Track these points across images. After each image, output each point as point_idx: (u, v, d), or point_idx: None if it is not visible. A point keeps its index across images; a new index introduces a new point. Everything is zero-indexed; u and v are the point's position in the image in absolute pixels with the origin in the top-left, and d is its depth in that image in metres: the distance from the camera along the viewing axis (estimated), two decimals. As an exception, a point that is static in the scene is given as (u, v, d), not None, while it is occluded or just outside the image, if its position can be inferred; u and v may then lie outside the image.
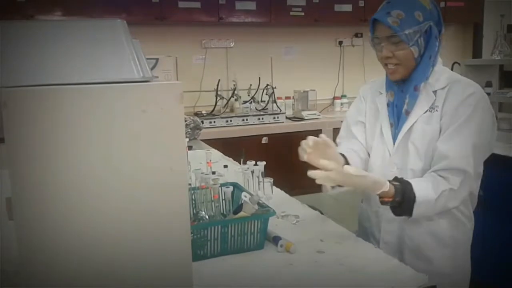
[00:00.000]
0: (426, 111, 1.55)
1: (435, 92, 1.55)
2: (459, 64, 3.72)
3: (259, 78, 4.55)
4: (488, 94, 3.39)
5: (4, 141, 0.86)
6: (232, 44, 4.71)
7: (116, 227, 0.95)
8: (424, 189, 1.45)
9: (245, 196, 1.41)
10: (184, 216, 1.05)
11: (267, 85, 4.56)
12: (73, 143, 0.90)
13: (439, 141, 1.50)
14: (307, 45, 4.97)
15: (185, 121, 3.03)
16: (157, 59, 4.17)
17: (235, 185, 1.66)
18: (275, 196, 1.90)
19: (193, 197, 1.58)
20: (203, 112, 4.40)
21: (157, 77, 1.37)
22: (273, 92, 4.53)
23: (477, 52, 5.42)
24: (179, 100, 1.01)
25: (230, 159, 2.64)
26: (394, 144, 1.62)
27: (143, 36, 4.34)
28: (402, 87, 1.59)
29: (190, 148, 2.82)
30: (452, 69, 4.36)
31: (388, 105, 1.65)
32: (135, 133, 0.96)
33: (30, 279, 0.90)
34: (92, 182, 0.92)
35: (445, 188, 1.45)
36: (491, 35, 4.88)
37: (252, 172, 1.78)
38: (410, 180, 1.47)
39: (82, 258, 0.93)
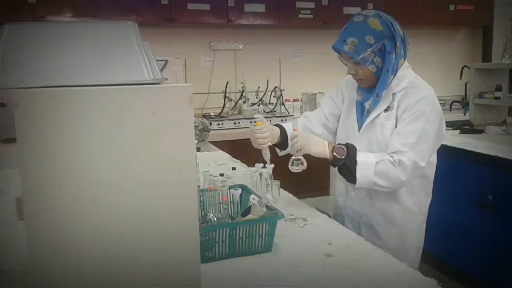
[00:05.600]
0: (386, 109, 1.82)
1: (394, 94, 1.82)
2: (468, 68, 3.71)
3: (267, 80, 4.56)
4: (498, 98, 3.37)
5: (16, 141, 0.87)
6: (240, 46, 4.72)
7: (125, 228, 0.95)
8: (366, 155, 1.75)
9: (254, 199, 1.41)
10: (193, 218, 1.05)
11: (275, 87, 4.57)
12: (83, 144, 0.91)
13: (393, 136, 1.78)
14: (316, 48, 4.96)
15: (194, 123, 3.03)
16: (166, 61, 4.17)
17: (243, 188, 1.66)
18: (282, 199, 1.90)
19: (202, 199, 1.58)
20: (211, 114, 4.42)
21: (166, 79, 1.37)
22: (281, 94, 4.54)
23: (487, 56, 5.39)
24: (188, 102, 1.01)
25: (238, 161, 2.64)
26: (358, 133, 1.90)
27: (152, 38, 4.36)
28: (370, 90, 1.86)
29: (198, 150, 2.83)
30: (461, 73, 4.36)
31: (356, 103, 1.94)
32: (145, 134, 0.96)
33: (39, 279, 0.91)
34: (101, 183, 0.93)
35: (385, 158, 1.72)
36: (501, 38, 4.87)
37: (261, 174, 1.77)
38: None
39: (91, 258, 0.94)
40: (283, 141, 1.96)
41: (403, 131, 1.74)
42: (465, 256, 3.05)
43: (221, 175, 2.11)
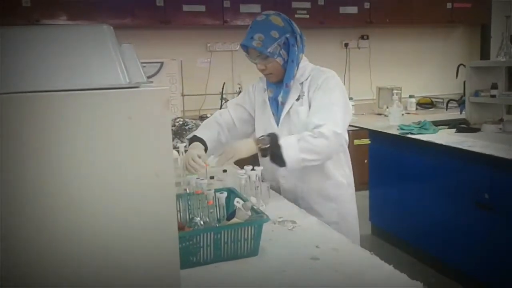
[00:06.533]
0: (297, 99, 1.99)
1: (301, 83, 2.00)
2: (464, 66, 3.68)
3: (264, 81, 4.54)
4: (494, 96, 3.35)
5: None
6: (237, 47, 4.70)
7: (100, 234, 0.94)
8: (287, 137, 1.88)
9: (238, 202, 1.40)
10: (172, 224, 1.03)
11: (272, 88, 4.55)
12: (57, 150, 0.89)
13: (308, 116, 1.94)
14: (313, 48, 4.86)
15: (188, 124, 3.03)
16: (162, 63, 4.17)
17: (231, 191, 1.64)
18: (273, 201, 1.88)
19: (189, 203, 1.57)
20: (208, 115, 4.38)
21: (151, 82, 1.35)
22: (278, 94, 4.52)
23: (485, 54, 5.36)
24: (165, 106, 1.00)
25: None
26: (278, 127, 2.04)
27: (148, 40, 4.38)
28: (278, 85, 2.02)
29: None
30: (457, 72, 4.33)
31: (269, 99, 2.08)
32: (120, 139, 0.95)
33: (11, 282, 0.89)
34: (76, 189, 0.91)
35: (305, 134, 1.85)
36: (499, 36, 4.84)
37: (249, 177, 1.76)
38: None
39: (64, 265, 0.92)
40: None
41: (316, 109, 1.92)
42: (462, 255, 3.03)
43: (212, 177, 2.11)
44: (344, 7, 4.69)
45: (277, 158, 1.83)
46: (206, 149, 2.04)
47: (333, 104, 1.90)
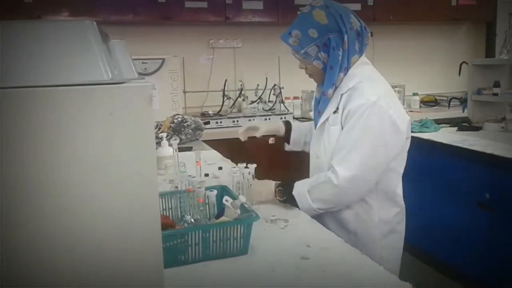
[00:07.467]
0: (335, 111, 1.71)
1: (342, 95, 1.69)
2: (466, 63, 3.64)
3: (266, 78, 4.52)
4: (496, 94, 3.31)
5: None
6: (239, 44, 4.68)
7: (79, 233, 0.93)
8: (301, 185, 1.71)
9: (227, 201, 1.38)
10: (155, 223, 1.02)
11: (275, 85, 4.52)
12: (36, 147, 0.88)
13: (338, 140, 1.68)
14: (316, 45, 4.91)
15: (186, 121, 3.01)
16: (163, 59, 4.15)
17: (223, 189, 1.62)
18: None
19: (180, 201, 1.56)
20: (210, 112, 4.39)
21: (143, 78, 1.34)
22: (280, 92, 4.49)
23: (490, 52, 5.31)
24: (148, 102, 0.98)
25: (228, 160, 2.60)
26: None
27: (150, 36, 4.36)
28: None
29: (190, 149, 2.80)
30: (460, 70, 4.28)
31: (315, 100, 1.84)
32: (101, 136, 0.94)
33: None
34: (54, 187, 0.90)
35: (317, 182, 1.68)
36: (504, 34, 4.80)
37: (243, 174, 1.74)
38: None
39: (44, 264, 0.91)
40: (286, 137, 2.11)
41: (338, 146, 1.67)
42: (462, 254, 3.00)
43: (206, 175, 2.09)
44: (347, 4, 4.60)
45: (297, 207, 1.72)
46: (289, 131, 2.11)
47: (358, 141, 1.61)
